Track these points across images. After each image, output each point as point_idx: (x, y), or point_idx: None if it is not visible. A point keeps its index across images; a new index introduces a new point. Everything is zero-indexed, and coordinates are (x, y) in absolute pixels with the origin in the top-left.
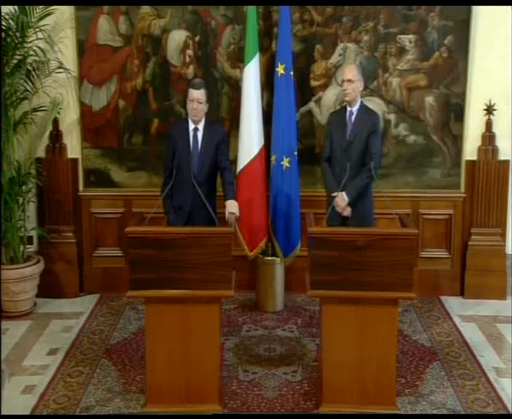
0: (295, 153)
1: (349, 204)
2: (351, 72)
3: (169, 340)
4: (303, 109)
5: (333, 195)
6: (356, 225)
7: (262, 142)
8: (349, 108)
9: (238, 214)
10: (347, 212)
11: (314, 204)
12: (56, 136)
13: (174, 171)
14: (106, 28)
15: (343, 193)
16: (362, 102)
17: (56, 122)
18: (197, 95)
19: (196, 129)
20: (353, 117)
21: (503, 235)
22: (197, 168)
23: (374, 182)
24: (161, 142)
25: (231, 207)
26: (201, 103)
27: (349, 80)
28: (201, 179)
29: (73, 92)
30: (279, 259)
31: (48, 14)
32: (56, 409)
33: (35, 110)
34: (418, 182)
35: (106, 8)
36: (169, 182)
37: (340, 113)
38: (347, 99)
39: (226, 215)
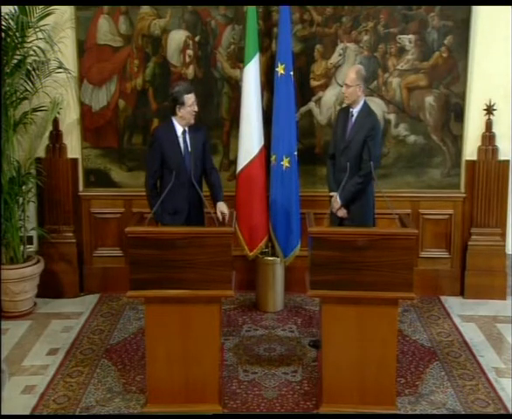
0: (295, 153)
1: (344, 206)
2: (349, 77)
3: (169, 340)
4: (303, 109)
5: (330, 194)
6: (351, 226)
7: (262, 142)
8: (351, 109)
9: (227, 214)
10: (341, 213)
11: (314, 204)
12: (56, 136)
13: (163, 175)
14: (106, 28)
15: (337, 195)
16: (364, 104)
17: (56, 122)
18: (194, 98)
19: (184, 132)
20: (353, 118)
21: (503, 235)
22: (193, 170)
23: (372, 185)
24: None
25: (223, 207)
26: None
27: (346, 85)
28: (196, 180)
29: (73, 92)
30: (279, 259)
31: (48, 14)
32: (56, 409)
33: (35, 110)
34: (418, 182)
35: (106, 8)
36: (162, 185)
37: (345, 112)
38: (345, 102)
39: (218, 215)
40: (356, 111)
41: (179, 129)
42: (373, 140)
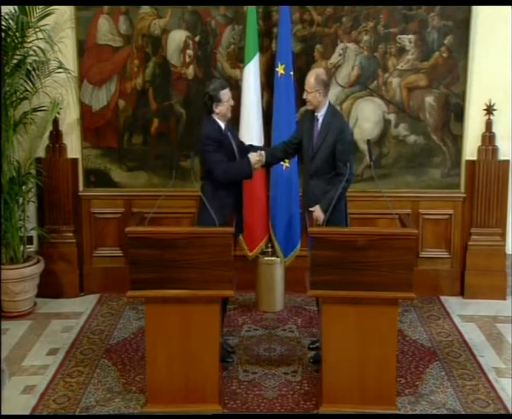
0: None
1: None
2: (308, 83)
3: (169, 340)
4: (303, 109)
5: (310, 209)
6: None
7: (262, 142)
8: (315, 113)
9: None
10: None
11: None
12: (56, 136)
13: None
14: (106, 28)
15: (318, 206)
16: (329, 107)
17: (56, 122)
18: (230, 92)
19: (226, 128)
20: (319, 123)
21: (503, 235)
22: None
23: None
24: (161, 142)
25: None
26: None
27: (306, 91)
28: None
29: (73, 92)
30: (279, 259)
31: (48, 14)
32: (56, 409)
33: (35, 110)
34: (418, 182)
35: (106, 8)
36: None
37: (310, 116)
38: (308, 107)
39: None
40: (320, 115)
41: (222, 125)
42: (343, 145)
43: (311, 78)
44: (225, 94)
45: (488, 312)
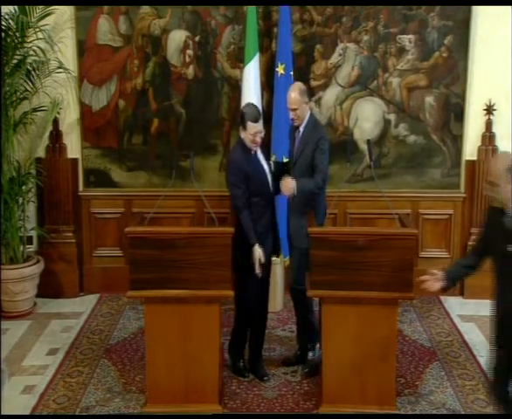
0: None
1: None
2: (292, 100)
3: (169, 340)
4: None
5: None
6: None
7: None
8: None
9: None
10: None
11: None
12: (56, 136)
13: (250, 199)
14: (106, 28)
15: (294, 182)
16: (310, 117)
17: (56, 122)
18: (261, 127)
19: (256, 152)
20: (300, 134)
21: None
22: (272, 187)
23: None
24: (161, 142)
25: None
26: (263, 132)
27: (293, 109)
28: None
29: (73, 92)
30: (279, 259)
31: (48, 14)
32: (56, 409)
33: (35, 110)
34: (418, 182)
35: (106, 8)
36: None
37: (296, 128)
38: (295, 124)
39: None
40: (302, 127)
41: (251, 150)
42: (320, 154)
43: (293, 94)
44: (252, 128)
45: (488, 312)
